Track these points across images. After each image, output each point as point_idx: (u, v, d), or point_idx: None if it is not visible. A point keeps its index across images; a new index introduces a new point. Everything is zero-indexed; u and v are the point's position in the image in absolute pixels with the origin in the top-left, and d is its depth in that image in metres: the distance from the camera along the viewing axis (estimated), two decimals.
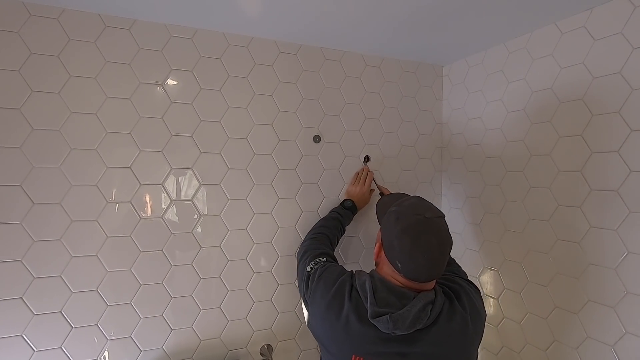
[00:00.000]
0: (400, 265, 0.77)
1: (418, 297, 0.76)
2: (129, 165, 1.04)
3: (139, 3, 0.96)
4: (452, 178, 1.44)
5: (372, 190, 1.28)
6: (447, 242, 0.79)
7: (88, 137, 1.00)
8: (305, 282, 0.94)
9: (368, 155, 1.32)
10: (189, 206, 1.11)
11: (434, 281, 0.82)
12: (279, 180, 1.22)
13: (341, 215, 1.18)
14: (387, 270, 0.82)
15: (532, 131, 1.10)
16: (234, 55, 1.16)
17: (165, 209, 1.08)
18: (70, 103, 0.99)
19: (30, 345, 0.95)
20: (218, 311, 1.15)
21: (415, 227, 0.77)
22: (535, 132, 1.09)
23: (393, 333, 0.74)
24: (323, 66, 1.27)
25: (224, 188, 1.15)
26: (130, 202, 1.05)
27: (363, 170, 1.29)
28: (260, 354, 1.18)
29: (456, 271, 1.00)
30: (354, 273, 0.88)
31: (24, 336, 0.95)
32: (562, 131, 1.02)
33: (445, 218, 0.83)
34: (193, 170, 1.11)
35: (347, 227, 1.21)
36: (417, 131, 1.44)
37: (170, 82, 1.09)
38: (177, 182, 1.10)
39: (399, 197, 0.99)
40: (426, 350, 0.76)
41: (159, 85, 1.08)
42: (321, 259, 0.98)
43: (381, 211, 0.98)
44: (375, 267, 0.89)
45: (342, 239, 1.28)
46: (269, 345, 1.20)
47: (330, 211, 1.20)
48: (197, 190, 1.12)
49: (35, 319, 0.96)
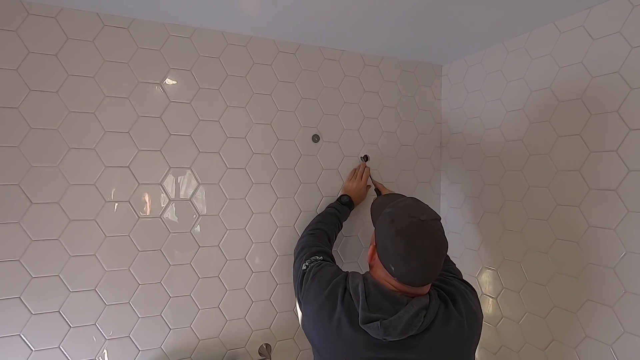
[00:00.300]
0: (394, 268, 0.75)
1: (411, 303, 0.73)
2: (128, 165, 1.04)
3: (137, 2, 0.95)
4: (451, 178, 1.44)
5: (368, 186, 1.28)
6: (443, 245, 0.77)
7: (86, 136, 1.00)
8: (300, 280, 0.92)
9: (367, 155, 1.32)
10: (188, 206, 1.11)
11: (429, 285, 0.80)
12: (277, 179, 1.22)
13: (338, 211, 1.17)
14: (381, 274, 0.79)
15: (530, 130, 1.10)
16: (233, 54, 1.16)
17: (163, 208, 1.08)
18: (69, 102, 0.98)
19: (28, 345, 0.95)
20: (217, 311, 1.15)
21: (409, 230, 0.74)
22: (534, 131, 1.09)
23: (384, 339, 0.72)
24: (322, 65, 1.27)
25: (222, 187, 1.15)
26: (129, 201, 1.04)
27: (360, 166, 1.30)
28: (259, 353, 1.18)
29: (451, 270, 0.97)
30: (348, 275, 0.85)
31: (21, 336, 0.95)
32: (560, 130, 1.02)
33: (441, 220, 0.81)
34: (192, 170, 1.11)
35: (345, 226, 1.21)
36: (416, 131, 1.44)
37: (168, 81, 1.09)
38: (176, 181, 1.10)
39: (395, 198, 0.97)
40: (420, 356, 0.74)
41: (157, 84, 1.07)
42: (318, 257, 0.95)
43: (376, 212, 0.97)
44: (369, 269, 0.87)
45: (341, 238, 1.28)
46: (267, 345, 1.20)
47: (328, 207, 1.20)
48: (196, 190, 1.12)
49: (33, 319, 0.96)
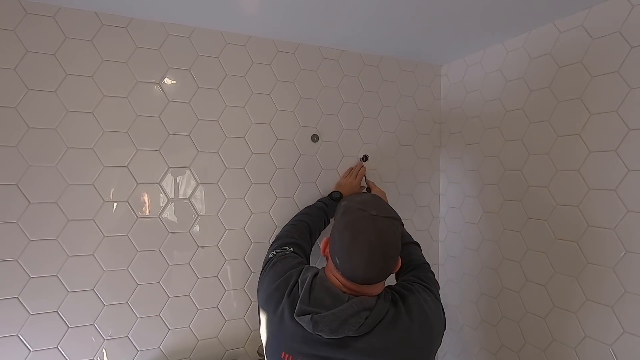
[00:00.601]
0: (338, 262, 0.73)
1: (353, 302, 0.70)
2: (126, 165, 1.04)
3: (136, 1, 0.95)
4: (451, 178, 1.43)
5: (362, 186, 1.28)
6: (391, 244, 0.73)
7: (85, 136, 1.00)
8: (262, 268, 0.91)
9: (366, 155, 1.32)
10: (187, 205, 1.11)
11: (380, 286, 0.77)
12: (276, 179, 1.21)
13: (327, 206, 1.15)
14: (331, 267, 0.77)
15: (530, 130, 1.10)
16: (232, 54, 1.15)
17: (162, 208, 1.08)
18: (67, 102, 0.98)
19: (26, 345, 0.95)
20: (216, 311, 1.14)
21: (357, 224, 0.72)
22: (533, 131, 1.09)
23: (318, 335, 0.69)
24: (321, 65, 1.27)
25: (221, 187, 1.14)
26: (127, 201, 1.04)
27: (357, 165, 1.30)
28: (258, 353, 1.18)
29: (423, 277, 0.90)
30: (303, 268, 0.83)
31: (19, 336, 0.94)
32: (560, 130, 1.01)
33: (399, 222, 0.78)
34: (190, 170, 1.11)
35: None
36: (415, 130, 1.43)
37: (167, 80, 1.08)
38: (175, 181, 1.10)
39: (361, 194, 0.94)
40: (355, 359, 0.70)
41: (156, 84, 1.07)
42: (287, 248, 0.93)
43: (338, 206, 0.95)
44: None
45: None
46: None
47: (317, 201, 1.19)
48: (195, 190, 1.12)
49: (31, 319, 0.95)
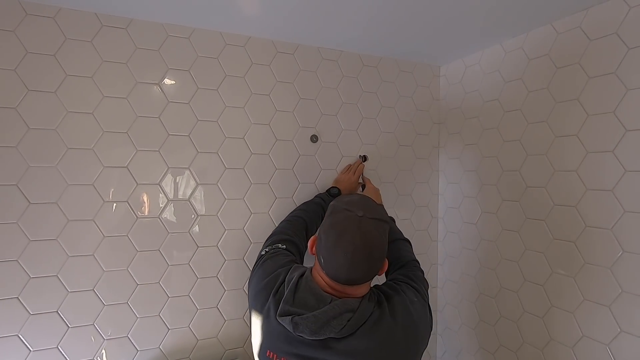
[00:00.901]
0: (323, 261, 0.73)
1: (335, 303, 0.70)
2: (126, 165, 1.04)
3: (135, 2, 0.95)
4: (449, 178, 1.44)
5: (359, 183, 1.29)
6: (376, 246, 0.72)
7: (84, 136, 1.00)
8: (254, 264, 0.92)
9: (365, 155, 1.33)
10: (186, 206, 1.11)
11: (365, 287, 0.76)
12: (276, 179, 1.22)
13: (324, 202, 1.15)
14: (317, 267, 0.77)
15: (528, 131, 1.11)
16: (231, 54, 1.16)
17: (162, 208, 1.08)
18: (67, 102, 0.98)
19: (26, 345, 0.95)
20: (215, 311, 1.15)
21: (343, 223, 0.72)
22: (531, 132, 1.10)
23: (299, 336, 0.69)
24: (320, 66, 1.28)
25: (221, 188, 1.15)
26: (127, 201, 1.04)
27: (356, 162, 1.31)
28: None
29: (411, 275, 0.88)
30: (292, 267, 0.82)
31: (19, 336, 0.95)
32: (558, 131, 1.02)
33: (387, 223, 0.77)
34: (190, 170, 1.11)
35: None
36: (414, 131, 1.44)
37: (167, 81, 1.09)
38: (174, 181, 1.10)
39: (353, 194, 0.94)
40: (336, 359, 0.70)
41: (156, 84, 1.07)
42: (280, 245, 0.93)
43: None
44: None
45: None
46: None
47: (315, 196, 1.18)
48: (194, 190, 1.12)
49: (31, 319, 0.95)
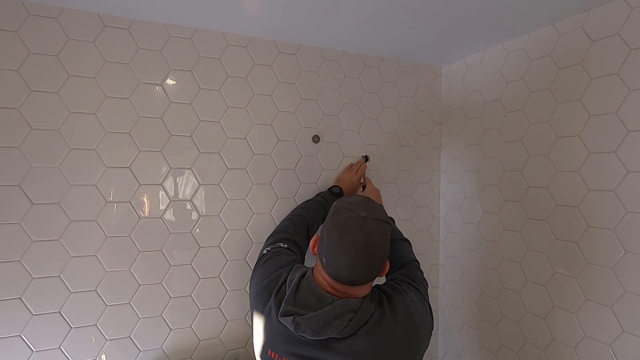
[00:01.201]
0: (325, 260, 0.73)
1: (337, 303, 0.70)
2: (128, 165, 1.04)
3: (138, 3, 0.95)
4: (451, 178, 1.44)
5: (361, 183, 1.28)
6: (377, 247, 0.72)
7: (87, 137, 1.00)
8: (255, 263, 0.92)
9: (367, 155, 1.33)
10: (188, 206, 1.11)
11: (367, 288, 0.76)
12: (278, 180, 1.22)
13: (326, 201, 1.14)
14: (318, 266, 0.77)
15: (530, 131, 1.11)
16: (234, 55, 1.16)
17: (164, 209, 1.08)
18: (69, 103, 0.98)
19: (28, 346, 0.95)
20: (217, 311, 1.15)
21: (345, 223, 0.72)
22: (533, 132, 1.10)
23: (301, 336, 0.70)
24: (322, 66, 1.28)
25: (223, 188, 1.15)
26: (130, 202, 1.04)
27: (358, 162, 1.30)
28: None
29: (411, 275, 0.89)
30: (293, 267, 0.82)
31: (22, 336, 0.95)
32: (559, 132, 1.02)
33: (390, 225, 0.77)
34: (192, 170, 1.11)
35: None
36: (415, 131, 1.44)
37: (169, 82, 1.09)
38: (176, 182, 1.10)
39: (354, 195, 0.93)
40: (337, 359, 0.70)
41: (158, 85, 1.07)
42: (281, 244, 0.93)
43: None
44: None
45: None
46: None
47: (316, 195, 1.18)
48: (196, 190, 1.12)
49: (34, 319, 0.96)
